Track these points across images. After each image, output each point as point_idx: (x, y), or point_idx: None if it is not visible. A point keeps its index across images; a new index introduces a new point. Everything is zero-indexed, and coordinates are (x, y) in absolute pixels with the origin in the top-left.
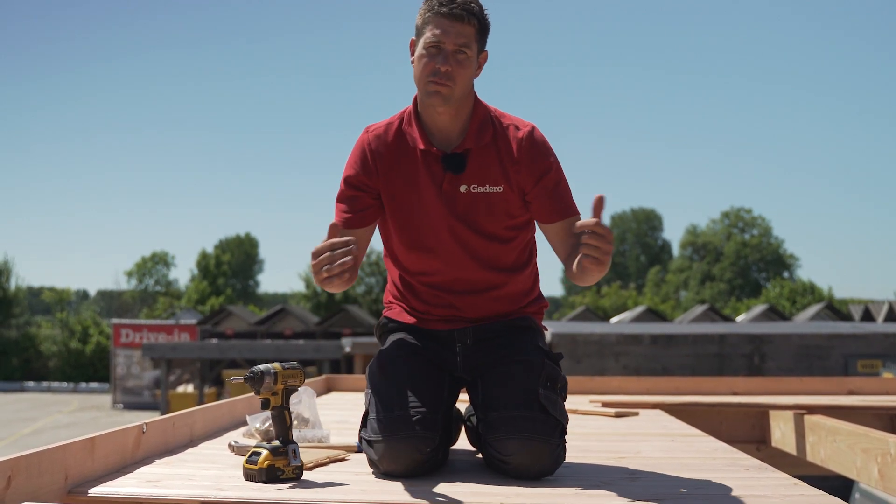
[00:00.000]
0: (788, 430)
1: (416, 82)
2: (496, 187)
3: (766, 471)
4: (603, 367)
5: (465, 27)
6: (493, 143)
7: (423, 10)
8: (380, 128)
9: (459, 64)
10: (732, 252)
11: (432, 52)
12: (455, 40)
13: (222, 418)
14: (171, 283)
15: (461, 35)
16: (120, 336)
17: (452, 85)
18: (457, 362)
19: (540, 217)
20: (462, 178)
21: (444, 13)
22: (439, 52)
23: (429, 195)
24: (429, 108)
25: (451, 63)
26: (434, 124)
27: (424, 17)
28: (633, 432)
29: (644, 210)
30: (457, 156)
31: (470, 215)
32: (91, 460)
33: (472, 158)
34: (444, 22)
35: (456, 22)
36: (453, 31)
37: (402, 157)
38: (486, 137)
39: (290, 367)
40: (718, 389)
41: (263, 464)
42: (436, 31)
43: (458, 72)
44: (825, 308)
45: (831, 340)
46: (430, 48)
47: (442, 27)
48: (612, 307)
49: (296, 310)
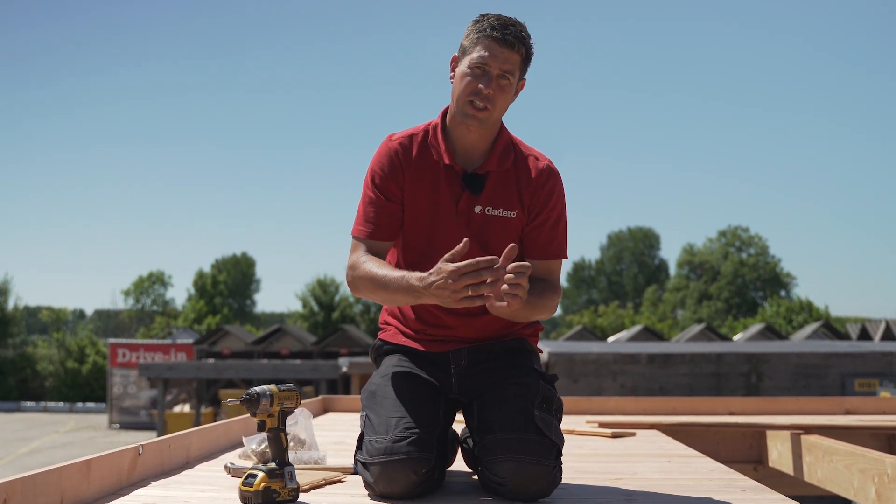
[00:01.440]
0: (785, 450)
1: (455, 99)
2: (510, 212)
3: (762, 492)
4: (600, 387)
5: (513, 54)
6: (514, 168)
7: (473, 31)
8: (404, 137)
9: (501, 89)
10: (729, 271)
11: (476, 73)
12: (501, 65)
13: (218, 440)
14: (168, 303)
15: (508, 61)
16: (116, 356)
17: (491, 108)
18: (452, 384)
19: (530, 251)
20: (479, 198)
21: (497, 38)
22: (484, 73)
23: (445, 211)
24: (461, 126)
25: (494, 87)
26: (461, 141)
27: (473, 38)
28: (629, 453)
29: (641, 229)
30: (477, 176)
31: (481, 236)
32: (87, 482)
33: (491, 181)
34: (495, 46)
35: (506, 48)
36: (502, 56)
37: (425, 169)
38: (508, 162)
39: (287, 389)
40: (715, 409)
41: (259, 486)
42: (483, 54)
43: (499, 97)
44: (822, 327)
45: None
46: (476, 69)
47: (491, 51)
48: (609, 326)
49: (293, 329)
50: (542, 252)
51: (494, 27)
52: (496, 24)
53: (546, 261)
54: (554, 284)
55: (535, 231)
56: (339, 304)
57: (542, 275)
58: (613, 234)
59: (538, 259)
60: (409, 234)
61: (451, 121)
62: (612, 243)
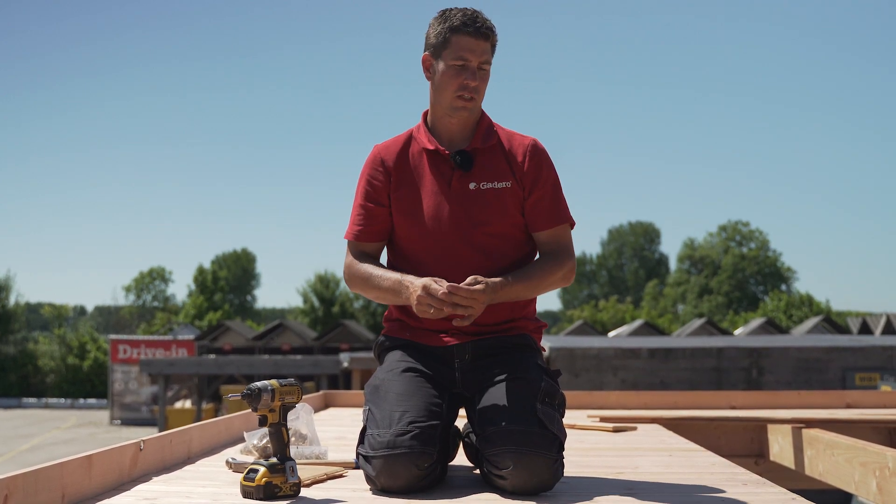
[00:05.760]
0: (787, 444)
1: (439, 95)
2: (505, 183)
3: (764, 485)
4: (601, 381)
5: (486, 44)
6: (499, 144)
7: (443, 29)
8: (387, 142)
9: (483, 79)
10: (730, 265)
11: (459, 69)
12: (479, 57)
13: (219, 435)
14: (169, 299)
15: (485, 52)
16: (118, 352)
17: (477, 97)
18: (455, 378)
19: (535, 223)
20: (471, 175)
21: (471, 32)
22: (466, 68)
23: (438, 195)
24: (445, 118)
25: (477, 78)
26: (445, 131)
27: (445, 35)
28: (631, 447)
29: (642, 224)
30: (465, 153)
31: (480, 213)
32: (88, 478)
33: (479, 157)
34: (471, 41)
35: (481, 40)
36: (478, 48)
37: (409, 161)
38: (493, 139)
39: (288, 384)
40: (716, 403)
41: (261, 481)
42: (462, 49)
43: (482, 86)
44: (823, 321)
45: (829, 354)
46: (457, 65)
47: (468, 45)
48: (609, 321)
49: (294, 325)
50: (547, 222)
51: (466, 23)
52: (465, 19)
53: (553, 229)
54: (561, 253)
55: (537, 205)
56: (340, 300)
57: (551, 244)
58: (614, 229)
59: (546, 229)
60: (404, 225)
61: (433, 117)
62: (612, 238)
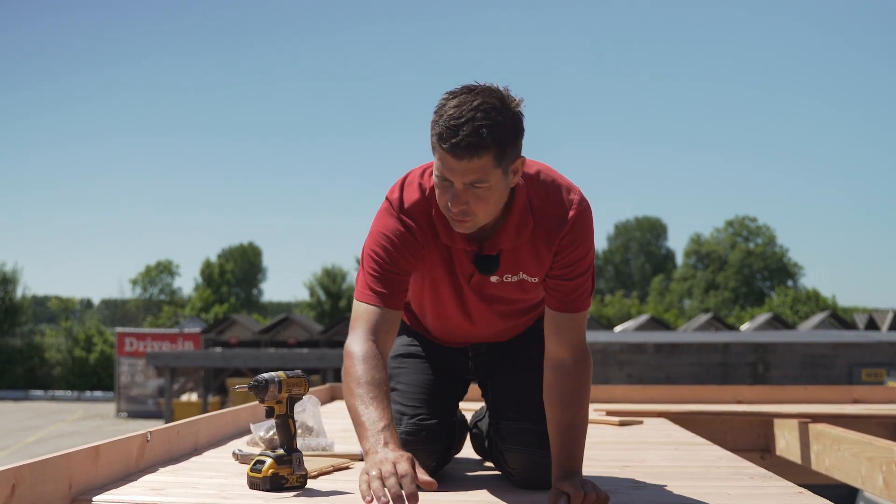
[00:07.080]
0: (793, 438)
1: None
2: (531, 278)
3: (770, 479)
4: (607, 376)
5: (474, 162)
6: (531, 240)
7: (432, 128)
8: (410, 206)
9: (477, 198)
10: (737, 261)
11: (442, 186)
12: (463, 178)
13: (226, 427)
14: (175, 292)
15: (469, 171)
16: (124, 344)
17: (472, 219)
18: (469, 366)
19: (552, 301)
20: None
21: (447, 150)
22: (448, 187)
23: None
24: None
25: (467, 198)
26: None
27: (432, 138)
28: (637, 441)
29: (649, 218)
30: (490, 258)
31: (500, 298)
32: (95, 468)
33: (505, 255)
34: (449, 159)
35: (463, 160)
36: (459, 169)
37: (434, 240)
38: (525, 235)
39: (295, 376)
40: (723, 398)
41: (268, 472)
42: (442, 165)
43: (477, 206)
44: (829, 317)
45: (836, 349)
46: (439, 179)
47: (447, 163)
48: (615, 316)
49: (300, 318)
50: (563, 304)
51: (443, 135)
52: (445, 128)
53: (569, 313)
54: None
55: (558, 283)
56: (347, 294)
57: (565, 326)
58: (621, 224)
59: (559, 311)
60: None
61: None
62: (619, 233)
